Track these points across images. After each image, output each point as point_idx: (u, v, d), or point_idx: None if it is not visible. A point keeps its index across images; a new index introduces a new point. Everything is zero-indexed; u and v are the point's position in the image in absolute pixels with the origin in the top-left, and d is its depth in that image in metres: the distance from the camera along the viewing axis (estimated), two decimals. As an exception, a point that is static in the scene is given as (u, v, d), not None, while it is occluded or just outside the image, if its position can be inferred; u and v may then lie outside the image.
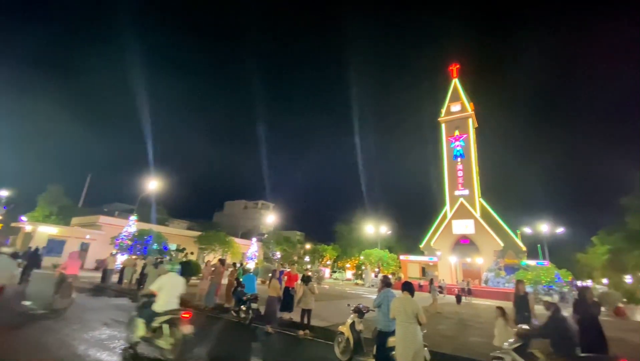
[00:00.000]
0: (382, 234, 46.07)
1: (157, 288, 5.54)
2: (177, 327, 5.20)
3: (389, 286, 5.69)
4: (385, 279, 5.91)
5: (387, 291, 5.46)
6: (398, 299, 4.92)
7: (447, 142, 48.41)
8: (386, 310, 5.23)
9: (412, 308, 4.72)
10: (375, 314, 5.50)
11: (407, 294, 4.94)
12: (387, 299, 5.26)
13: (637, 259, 31.52)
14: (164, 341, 5.16)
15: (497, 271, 33.25)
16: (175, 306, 5.47)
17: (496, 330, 6.87)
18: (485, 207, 44.66)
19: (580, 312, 5.59)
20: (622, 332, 11.50)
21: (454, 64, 52.15)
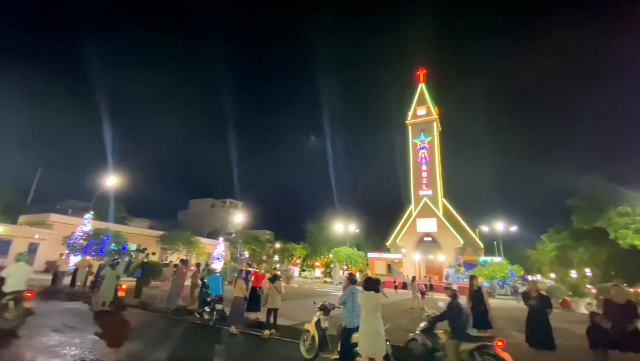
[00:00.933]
0: (351, 233, 46.90)
1: (6, 274, 6.86)
2: (20, 303, 6.69)
3: (354, 283, 5.80)
4: (350, 277, 6.02)
5: (352, 288, 5.57)
6: (362, 294, 5.05)
7: (413, 144, 50.24)
8: (351, 306, 5.34)
9: (375, 303, 4.87)
10: (341, 311, 5.60)
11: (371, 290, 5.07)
12: (352, 296, 5.37)
13: (581, 256, 34.72)
14: (9, 314, 6.61)
15: (456, 267, 35.07)
16: (21, 288, 6.86)
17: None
18: (447, 206, 46.99)
19: (527, 303, 6.25)
20: (568, 323, 12.54)
21: (420, 69, 54.19)
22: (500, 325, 10.74)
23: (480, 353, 5.11)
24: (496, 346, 5.11)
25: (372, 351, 4.68)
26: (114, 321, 8.88)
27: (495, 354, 5.03)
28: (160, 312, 10.36)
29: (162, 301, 11.06)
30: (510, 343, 8.20)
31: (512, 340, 8.45)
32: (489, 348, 5.10)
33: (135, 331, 8.04)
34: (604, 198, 26.42)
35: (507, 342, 8.19)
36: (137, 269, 14.06)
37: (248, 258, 39.91)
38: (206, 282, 9.97)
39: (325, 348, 6.15)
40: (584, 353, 6.37)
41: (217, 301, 8.98)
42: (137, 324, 8.83)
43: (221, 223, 71.66)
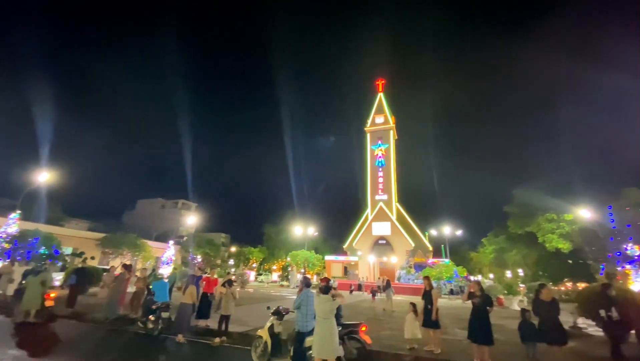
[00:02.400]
0: (310, 236, 46.98)
1: None
2: None
3: (308, 286, 5.80)
4: (305, 280, 6.00)
5: (306, 292, 5.55)
6: (317, 297, 5.07)
7: (371, 150, 52.02)
8: (305, 310, 5.33)
9: (329, 306, 4.91)
10: (295, 315, 5.56)
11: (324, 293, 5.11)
12: (307, 300, 5.36)
13: (515, 257, 38.29)
14: None
15: (408, 268, 36.76)
16: None
17: (406, 323, 7.59)
18: (401, 211, 49.25)
19: (472, 301, 6.70)
20: (502, 319, 13.68)
21: (379, 80, 56.43)
22: (445, 323, 11.41)
23: (348, 337, 6.07)
24: (360, 331, 6.20)
25: (326, 353, 4.71)
26: (41, 334, 7.92)
27: (358, 338, 6.14)
28: (97, 322, 9.44)
29: (100, 310, 10.09)
30: (453, 339, 8.77)
31: (454, 337, 9.03)
32: (355, 333, 6.17)
33: (66, 344, 7.24)
34: (534, 206, 29.61)
35: (451, 339, 8.78)
36: (72, 276, 12.68)
37: (200, 262, 38.08)
38: (152, 288, 9.31)
39: (278, 353, 6.05)
40: (517, 346, 7.02)
41: (163, 309, 8.42)
42: (68, 336, 7.95)
43: (172, 225, 67.58)
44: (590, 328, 10.97)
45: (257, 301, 17.61)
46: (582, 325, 11.66)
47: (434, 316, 7.11)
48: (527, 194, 31.51)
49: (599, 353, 7.56)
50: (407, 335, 7.42)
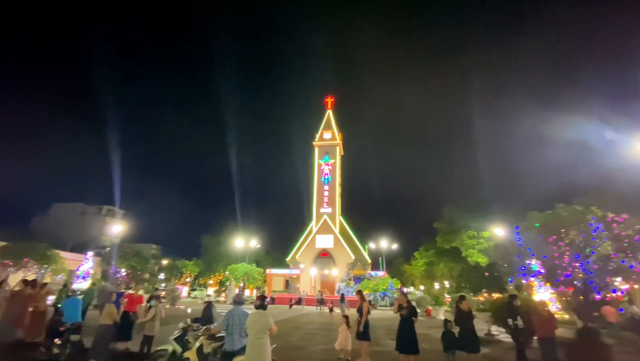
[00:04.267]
0: (251, 248, 45.51)
1: None
2: None
3: (239, 304, 5.62)
4: (236, 297, 5.84)
5: (233, 310, 5.39)
6: (251, 315, 4.92)
7: (318, 164, 53.08)
8: (231, 329, 5.16)
9: (263, 323, 4.79)
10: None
11: (260, 309, 5.01)
12: (232, 318, 5.20)
13: (442, 270, 41.71)
14: None
15: (347, 281, 37.63)
16: None
17: (339, 335, 7.72)
18: (343, 224, 50.68)
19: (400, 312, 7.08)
20: (429, 329, 14.66)
21: (329, 97, 58.45)
22: (378, 334, 11.87)
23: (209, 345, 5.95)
24: None
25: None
26: None
27: None
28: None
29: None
30: (384, 351, 9.15)
31: (385, 348, 9.42)
32: None
33: None
34: (459, 223, 32.95)
35: (382, 350, 9.13)
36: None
37: (125, 276, 34.30)
38: (60, 308, 8.10)
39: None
40: (440, 354, 7.58)
41: (73, 331, 7.36)
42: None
43: (93, 234, 60.16)
44: (502, 335, 12.33)
45: (189, 319, 16.37)
46: (495, 332, 13.05)
47: (360, 328, 7.36)
48: (454, 212, 34.93)
49: (508, 358, 8.51)
50: (338, 345, 7.60)
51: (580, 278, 8.76)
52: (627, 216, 9.02)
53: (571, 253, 8.68)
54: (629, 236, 8.66)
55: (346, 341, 7.55)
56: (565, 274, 8.78)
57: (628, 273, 8.62)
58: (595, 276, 8.48)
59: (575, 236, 8.74)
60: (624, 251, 8.57)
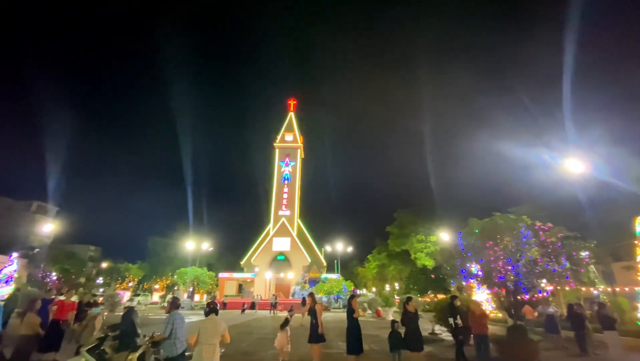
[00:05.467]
0: (203, 251, 43.54)
1: None
2: None
3: (177, 308, 5.44)
4: (174, 301, 5.60)
5: (173, 315, 5.22)
6: (206, 320, 4.91)
7: (279, 166, 52.63)
8: (174, 334, 5.05)
9: (217, 329, 4.74)
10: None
11: (213, 315, 5.01)
12: (175, 323, 5.06)
13: (392, 273, 43.59)
14: None
15: (302, 284, 37.66)
16: None
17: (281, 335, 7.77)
18: (301, 227, 50.71)
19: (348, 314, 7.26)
20: (378, 329, 15.22)
21: (291, 99, 58.40)
22: (331, 336, 12.04)
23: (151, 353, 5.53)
24: None
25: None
26: None
27: None
28: None
29: None
30: (335, 353, 9.30)
31: (336, 350, 9.59)
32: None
33: None
34: (409, 227, 34.79)
35: (333, 353, 9.27)
36: None
37: (56, 281, 30.86)
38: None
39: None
40: (386, 354, 7.90)
41: (-12, 344, 6.47)
42: None
43: (21, 233, 53.28)
44: (444, 334, 13.19)
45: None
46: (438, 331, 13.94)
47: (320, 330, 7.44)
48: (405, 216, 36.76)
49: (448, 355, 9.12)
50: (277, 344, 7.68)
51: (512, 280, 9.70)
52: (552, 225, 10.23)
53: (505, 257, 9.61)
54: (553, 242, 9.83)
55: (284, 340, 7.65)
56: (499, 276, 9.68)
57: (551, 276, 9.73)
58: (524, 278, 9.47)
59: (508, 242, 9.70)
60: (548, 256, 9.68)
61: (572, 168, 12.71)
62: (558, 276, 9.73)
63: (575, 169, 12.65)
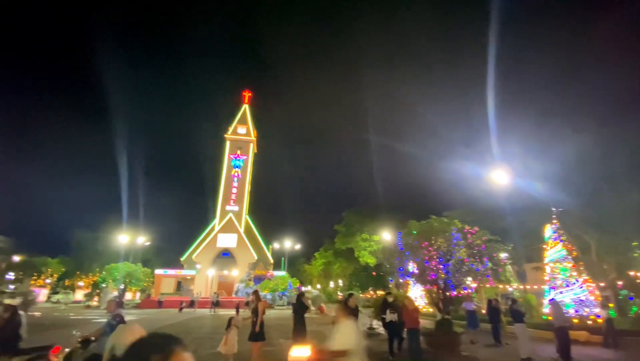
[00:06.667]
0: (138, 246, 40.23)
1: None
2: None
3: (121, 307, 4.99)
4: (118, 300, 5.17)
5: (118, 313, 4.82)
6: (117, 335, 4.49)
7: (229, 159, 50.72)
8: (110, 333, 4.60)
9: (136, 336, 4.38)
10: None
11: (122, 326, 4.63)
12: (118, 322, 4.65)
13: (337, 270, 44.81)
14: None
15: (247, 281, 36.92)
16: None
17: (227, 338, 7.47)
18: (249, 223, 49.58)
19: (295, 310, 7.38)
20: (321, 326, 15.47)
21: (246, 91, 56.60)
22: (273, 334, 12.00)
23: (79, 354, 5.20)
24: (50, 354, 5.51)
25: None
26: None
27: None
28: None
29: None
30: (277, 350, 9.30)
31: (278, 348, 9.59)
32: (42, 358, 5.47)
33: None
34: (356, 227, 36.15)
35: (273, 350, 9.25)
36: None
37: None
38: None
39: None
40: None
41: None
42: None
43: None
44: (381, 328, 13.91)
45: (46, 329, 13.49)
46: (375, 326, 14.67)
47: (256, 329, 7.37)
48: (352, 216, 38.09)
49: (383, 348, 9.64)
50: (221, 348, 7.41)
51: (443, 278, 10.64)
52: (478, 229, 11.44)
53: (438, 257, 10.50)
54: (478, 244, 11.00)
55: (233, 344, 7.39)
56: (432, 274, 10.55)
57: (475, 274, 10.88)
58: (453, 276, 10.46)
59: (441, 243, 10.63)
60: (474, 257, 10.81)
61: (498, 179, 14.30)
62: (481, 275, 10.91)
63: (500, 180, 14.26)
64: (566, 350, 7.92)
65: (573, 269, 13.77)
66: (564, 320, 8.50)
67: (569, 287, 13.54)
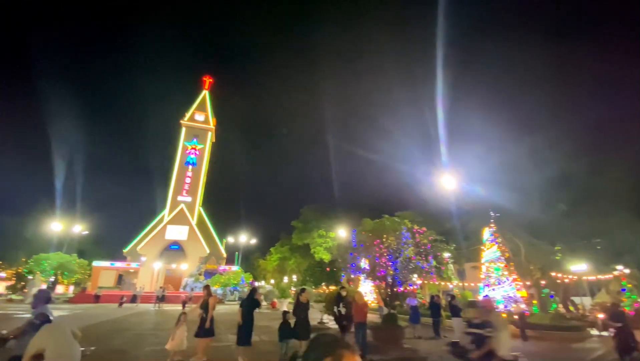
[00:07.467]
0: (73, 235, 36.61)
1: None
2: None
3: (47, 302, 4.48)
4: (42, 294, 4.61)
5: (41, 309, 4.28)
6: (62, 317, 4.06)
7: (184, 147, 48.08)
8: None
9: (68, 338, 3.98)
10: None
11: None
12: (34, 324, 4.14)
13: (292, 265, 44.84)
14: None
15: (197, 276, 35.49)
16: None
17: (175, 335, 7.12)
18: (202, 215, 47.55)
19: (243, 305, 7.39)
20: (272, 320, 15.39)
21: (207, 76, 53.96)
22: (221, 329, 11.68)
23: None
24: None
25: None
26: None
27: None
28: None
29: None
30: (223, 345, 9.08)
31: (225, 343, 9.37)
32: None
33: None
34: (313, 223, 36.49)
35: (222, 346, 9.02)
36: None
37: None
38: None
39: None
40: (275, 345, 8.08)
41: None
42: None
43: None
44: (331, 323, 14.22)
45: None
46: (326, 320, 14.96)
47: (207, 325, 7.14)
48: (310, 212, 38.35)
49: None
50: (172, 347, 7.05)
51: (391, 274, 11.17)
52: (426, 229, 12.18)
53: (388, 254, 11.00)
54: (425, 244, 11.72)
55: (182, 341, 7.06)
56: (381, 271, 11.04)
57: (421, 272, 11.57)
58: (400, 273, 11.03)
59: (392, 241, 11.15)
60: (420, 255, 11.49)
61: (446, 184, 15.32)
62: (426, 272, 11.65)
63: (448, 185, 15.29)
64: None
65: (505, 269, 15.25)
66: (495, 315, 9.37)
67: (501, 285, 14.99)
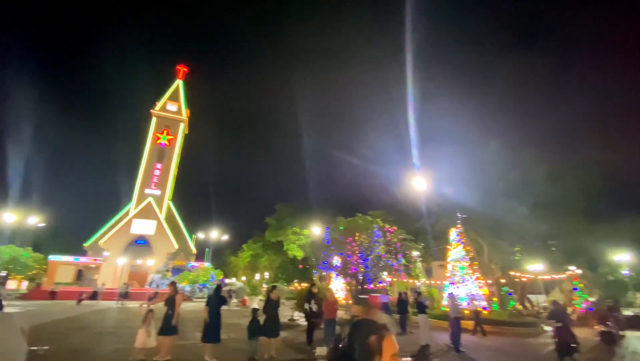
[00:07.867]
0: (28, 227, 34.04)
1: None
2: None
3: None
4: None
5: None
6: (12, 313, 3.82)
7: (154, 137, 46.04)
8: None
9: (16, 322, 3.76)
10: None
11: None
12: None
13: (265, 262, 44.46)
14: None
15: (164, 272, 34.27)
16: None
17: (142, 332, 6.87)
18: (172, 210, 45.89)
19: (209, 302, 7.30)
20: (241, 318, 15.16)
21: (182, 65, 51.91)
22: (188, 327, 11.39)
23: None
24: None
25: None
26: None
27: None
28: None
29: None
30: (189, 344, 8.86)
31: (192, 341, 9.14)
32: None
33: None
34: (287, 220, 36.33)
35: (188, 344, 8.79)
36: None
37: None
38: None
39: None
40: (244, 342, 8.00)
41: None
42: None
43: None
44: (302, 320, 14.27)
45: None
46: (296, 317, 14.99)
47: (173, 322, 6.94)
48: (285, 209, 38.17)
49: (301, 339, 9.91)
50: (138, 344, 6.78)
51: (362, 272, 11.39)
52: (396, 228, 12.54)
53: (359, 252, 11.22)
54: (395, 242, 12.06)
55: (149, 338, 6.81)
56: (353, 268, 11.24)
57: (390, 269, 11.90)
58: (371, 270, 11.29)
59: (364, 239, 11.38)
60: (390, 253, 11.80)
61: (417, 185, 15.80)
62: (395, 270, 12.00)
63: (419, 186, 15.77)
64: (457, 338, 9.18)
65: (469, 268, 16.02)
66: (458, 311, 9.84)
67: (464, 283, 15.74)
